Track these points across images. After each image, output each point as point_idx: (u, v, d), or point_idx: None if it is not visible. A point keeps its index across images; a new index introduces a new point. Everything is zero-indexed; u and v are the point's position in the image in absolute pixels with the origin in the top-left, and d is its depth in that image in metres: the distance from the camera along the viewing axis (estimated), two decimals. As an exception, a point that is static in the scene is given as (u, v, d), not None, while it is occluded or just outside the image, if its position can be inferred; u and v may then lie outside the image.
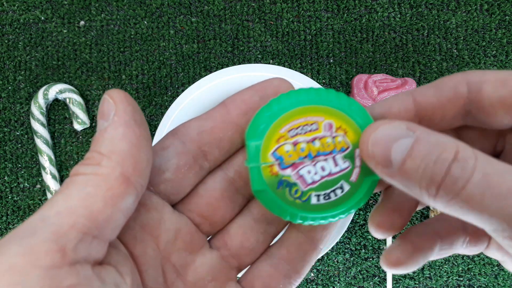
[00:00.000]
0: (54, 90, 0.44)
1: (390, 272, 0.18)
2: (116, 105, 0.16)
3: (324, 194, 0.17)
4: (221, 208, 0.19)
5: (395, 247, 0.19)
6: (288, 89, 0.18)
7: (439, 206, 0.14)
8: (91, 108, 0.46)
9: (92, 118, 0.46)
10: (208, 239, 0.20)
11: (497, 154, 0.18)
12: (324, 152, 0.17)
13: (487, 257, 0.44)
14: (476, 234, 0.19)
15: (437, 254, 0.19)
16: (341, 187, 0.17)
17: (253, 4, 0.46)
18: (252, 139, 0.17)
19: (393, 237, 0.45)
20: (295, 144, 0.17)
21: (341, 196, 0.17)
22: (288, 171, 0.17)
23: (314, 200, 0.17)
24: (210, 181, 0.19)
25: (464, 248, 0.19)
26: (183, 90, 0.43)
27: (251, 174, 0.17)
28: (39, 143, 0.44)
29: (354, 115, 0.17)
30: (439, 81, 0.17)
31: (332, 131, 0.17)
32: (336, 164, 0.17)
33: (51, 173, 0.44)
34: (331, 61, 0.46)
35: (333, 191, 0.17)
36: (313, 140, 0.17)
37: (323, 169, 0.17)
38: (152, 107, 0.46)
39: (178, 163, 0.18)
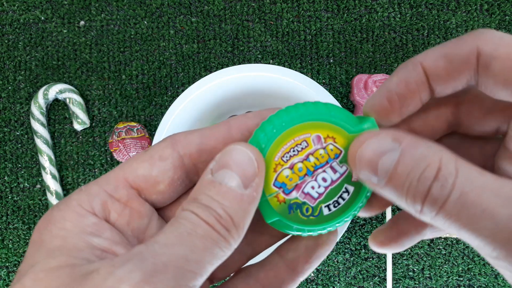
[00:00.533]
0: (54, 90, 0.44)
1: (376, 250, 0.18)
2: (257, 176, 0.16)
3: (333, 202, 0.18)
4: None
5: (383, 230, 0.20)
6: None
7: (426, 220, 0.15)
8: (91, 108, 0.46)
9: (92, 118, 0.46)
10: None
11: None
12: (321, 164, 0.17)
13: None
14: None
15: (431, 234, 0.19)
16: (346, 190, 0.18)
17: (253, 4, 0.46)
18: None
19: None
20: (291, 167, 0.17)
21: (349, 198, 0.18)
22: (294, 194, 0.18)
23: (326, 211, 0.18)
24: None
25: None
26: (183, 90, 0.43)
27: (260, 208, 0.18)
28: (39, 143, 0.44)
29: (337, 120, 0.17)
30: (450, 49, 0.16)
31: (321, 142, 0.17)
32: (335, 171, 0.17)
33: (51, 173, 0.44)
34: (331, 61, 0.46)
35: (340, 196, 0.18)
36: (307, 157, 0.17)
37: (324, 180, 0.18)
38: (152, 107, 0.46)
39: (173, 177, 0.18)
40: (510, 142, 0.16)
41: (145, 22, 0.46)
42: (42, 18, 0.46)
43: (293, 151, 0.17)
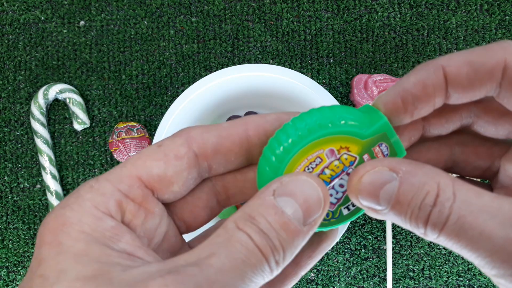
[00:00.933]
0: (54, 90, 0.44)
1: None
2: (320, 215, 0.15)
3: (352, 203, 0.18)
4: (201, 217, 0.19)
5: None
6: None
7: (431, 240, 0.15)
8: (91, 108, 0.46)
9: (92, 118, 0.46)
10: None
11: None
12: (337, 174, 0.17)
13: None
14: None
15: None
16: None
17: (253, 4, 0.46)
18: None
19: (393, 238, 0.45)
20: None
21: None
22: None
23: (345, 212, 0.18)
24: (198, 190, 0.19)
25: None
26: (183, 90, 0.43)
27: None
28: (39, 143, 0.44)
29: (348, 129, 0.17)
30: (476, 57, 0.15)
31: (335, 154, 0.17)
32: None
33: (51, 173, 0.44)
34: (331, 61, 0.46)
35: None
36: (322, 171, 0.17)
37: (341, 186, 0.17)
38: (152, 107, 0.46)
39: (187, 177, 0.17)
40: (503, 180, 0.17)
41: (145, 22, 0.46)
42: (42, 18, 0.46)
43: (308, 169, 0.17)
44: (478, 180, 0.20)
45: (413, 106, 0.16)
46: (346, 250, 0.45)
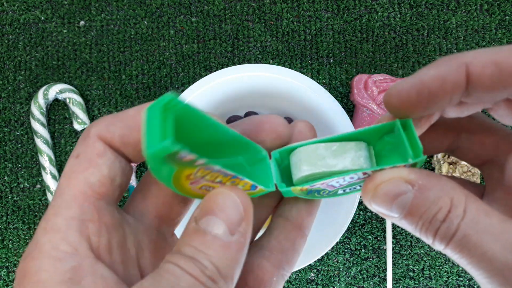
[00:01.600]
0: (54, 90, 0.44)
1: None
2: (244, 221, 0.15)
3: (351, 187, 0.18)
4: (176, 205, 0.18)
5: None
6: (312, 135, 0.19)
7: (438, 250, 0.16)
8: (91, 108, 0.46)
9: (92, 118, 0.46)
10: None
11: None
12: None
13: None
14: None
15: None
16: (367, 174, 0.18)
17: (253, 4, 0.46)
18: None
19: (393, 238, 0.45)
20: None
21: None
22: (318, 185, 0.17)
23: (340, 192, 0.18)
24: (154, 180, 0.18)
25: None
26: (183, 90, 0.43)
27: (282, 192, 0.18)
28: (39, 143, 0.44)
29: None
30: (501, 57, 0.14)
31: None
32: (365, 174, 0.17)
33: (51, 173, 0.44)
34: (331, 61, 0.46)
35: (359, 184, 0.18)
36: None
37: (351, 177, 0.17)
38: (152, 107, 0.46)
39: (120, 165, 0.16)
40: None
41: (145, 22, 0.46)
42: (42, 18, 0.46)
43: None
44: (479, 182, 0.20)
45: (427, 101, 0.15)
46: (346, 250, 0.45)
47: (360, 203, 0.44)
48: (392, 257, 0.44)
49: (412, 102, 0.16)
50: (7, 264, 0.45)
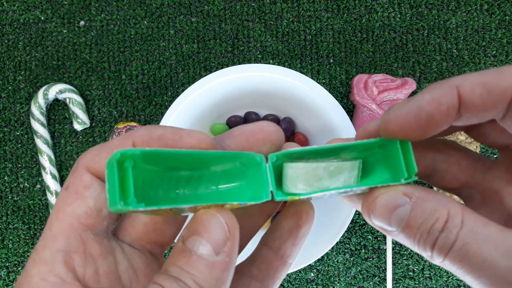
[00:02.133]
0: (54, 90, 0.44)
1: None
2: (229, 241, 0.15)
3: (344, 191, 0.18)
4: (168, 230, 0.19)
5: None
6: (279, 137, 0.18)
7: (437, 263, 0.16)
8: (91, 108, 0.46)
9: (92, 118, 0.46)
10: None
11: None
12: None
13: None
14: None
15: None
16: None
17: (253, 4, 0.46)
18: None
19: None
20: None
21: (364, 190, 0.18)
22: (305, 197, 0.18)
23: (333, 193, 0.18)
24: None
25: None
26: (183, 90, 0.43)
27: (274, 194, 0.18)
28: (39, 143, 0.44)
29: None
30: (490, 78, 0.15)
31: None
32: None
33: (51, 173, 0.44)
34: (331, 61, 0.46)
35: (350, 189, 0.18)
36: None
37: (345, 192, 0.17)
38: (152, 107, 0.46)
39: (105, 196, 0.17)
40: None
41: (145, 22, 0.46)
42: (42, 18, 0.46)
43: None
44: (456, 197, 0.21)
45: (425, 124, 0.16)
46: (346, 250, 0.45)
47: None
48: (392, 257, 0.44)
49: (411, 126, 0.16)
50: (7, 264, 0.45)
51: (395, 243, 0.45)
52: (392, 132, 0.16)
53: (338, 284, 0.45)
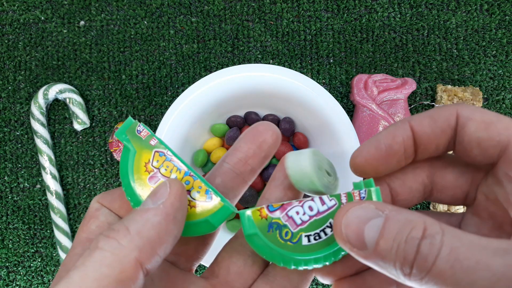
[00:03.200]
0: (54, 90, 0.44)
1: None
2: (169, 195, 0.17)
3: (314, 234, 0.17)
4: (193, 245, 0.20)
5: (343, 270, 0.20)
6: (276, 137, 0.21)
7: (415, 284, 0.15)
8: (91, 108, 0.46)
9: (92, 118, 0.46)
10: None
11: (467, 204, 0.20)
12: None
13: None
14: None
15: None
16: (330, 226, 0.17)
17: (253, 4, 0.46)
18: None
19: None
20: None
21: (331, 235, 0.17)
22: (277, 213, 0.18)
23: (305, 241, 0.17)
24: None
25: None
26: (183, 90, 0.43)
27: (241, 219, 0.18)
28: (39, 143, 0.44)
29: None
30: (434, 112, 0.18)
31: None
32: (323, 203, 0.18)
33: (51, 173, 0.44)
34: (331, 61, 0.46)
35: (323, 230, 0.17)
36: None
37: (311, 208, 0.17)
38: (152, 107, 0.46)
39: None
40: (479, 208, 0.18)
41: (145, 22, 0.46)
42: (42, 18, 0.46)
43: None
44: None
45: (386, 154, 0.18)
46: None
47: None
48: None
49: (374, 158, 0.18)
50: (7, 264, 0.45)
51: None
52: (359, 165, 0.18)
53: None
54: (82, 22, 0.46)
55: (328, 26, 0.46)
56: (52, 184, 0.44)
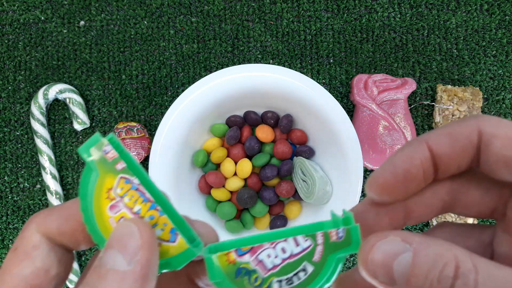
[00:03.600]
0: (54, 90, 0.44)
1: None
2: (142, 249, 0.14)
3: (287, 279, 0.16)
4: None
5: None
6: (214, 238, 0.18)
7: None
8: (91, 108, 0.46)
9: (92, 118, 0.46)
10: None
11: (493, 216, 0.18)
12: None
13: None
14: None
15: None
16: (304, 269, 0.16)
17: (253, 4, 0.46)
18: None
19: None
20: None
21: (304, 279, 0.16)
22: (247, 257, 0.16)
23: (276, 287, 0.16)
24: None
25: None
26: (183, 90, 0.43)
27: (207, 264, 0.16)
28: (39, 143, 0.44)
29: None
30: (453, 129, 0.16)
31: None
32: (297, 244, 0.16)
33: (51, 173, 0.44)
34: (331, 61, 0.46)
35: (296, 274, 0.16)
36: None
37: (283, 251, 0.16)
38: (152, 107, 0.46)
39: (55, 257, 0.17)
40: (510, 225, 0.16)
41: (145, 22, 0.46)
42: (42, 18, 0.46)
43: None
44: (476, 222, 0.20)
45: (404, 179, 0.16)
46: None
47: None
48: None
49: (391, 185, 0.16)
50: (7, 264, 0.45)
51: None
52: (375, 194, 0.17)
53: (338, 284, 0.45)
54: (82, 22, 0.46)
55: (328, 26, 0.46)
56: (52, 184, 0.44)
